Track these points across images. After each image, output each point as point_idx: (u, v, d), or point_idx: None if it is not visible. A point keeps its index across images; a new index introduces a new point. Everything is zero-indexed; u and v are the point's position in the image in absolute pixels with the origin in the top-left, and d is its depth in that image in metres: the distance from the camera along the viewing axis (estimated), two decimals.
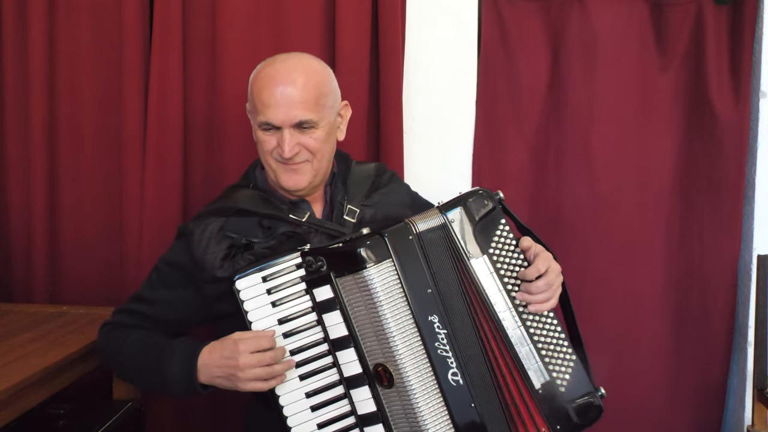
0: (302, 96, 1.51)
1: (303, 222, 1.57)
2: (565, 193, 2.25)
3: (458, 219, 1.44)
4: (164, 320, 1.58)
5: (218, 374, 1.42)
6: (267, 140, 1.55)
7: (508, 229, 1.47)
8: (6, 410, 1.45)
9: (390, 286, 1.38)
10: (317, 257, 1.40)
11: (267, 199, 1.61)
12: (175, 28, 2.09)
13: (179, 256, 1.58)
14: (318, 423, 1.42)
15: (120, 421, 1.84)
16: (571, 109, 2.23)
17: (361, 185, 1.68)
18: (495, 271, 1.44)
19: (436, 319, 1.39)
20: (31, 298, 2.15)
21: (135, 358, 1.55)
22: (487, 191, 1.48)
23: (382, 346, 1.37)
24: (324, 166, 1.60)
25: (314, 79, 1.54)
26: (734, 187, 2.23)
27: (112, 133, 2.16)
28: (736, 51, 2.21)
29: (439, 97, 2.21)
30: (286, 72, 1.54)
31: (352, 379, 1.41)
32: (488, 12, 2.21)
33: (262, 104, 1.52)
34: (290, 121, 1.51)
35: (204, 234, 1.55)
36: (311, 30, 2.13)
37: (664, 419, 2.28)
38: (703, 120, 2.23)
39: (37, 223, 2.14)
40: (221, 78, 2.12)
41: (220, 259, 1.53)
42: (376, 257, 1.37)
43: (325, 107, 1.55)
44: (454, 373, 1.38)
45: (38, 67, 2.11)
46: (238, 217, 1.56)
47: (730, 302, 2.26)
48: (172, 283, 1.58)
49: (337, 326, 1.41)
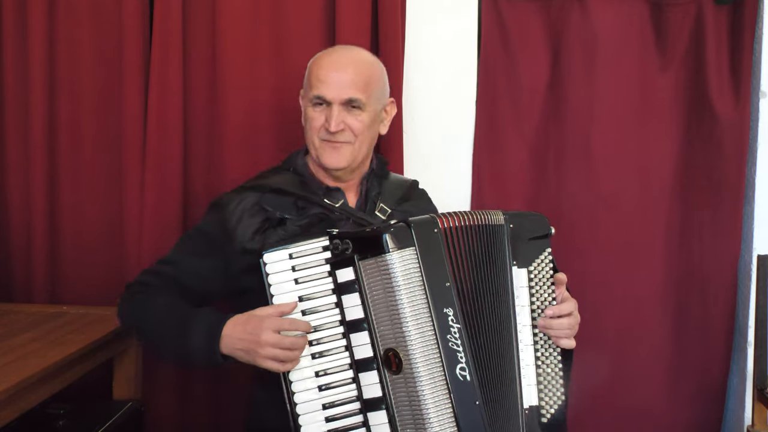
0: (354, 77, 1.64)
1: (336, 207, 1.64)
2: (565, 193, 2.25)
3: (517, 228, 1.51)
4: (189, 287, 1.62)
5: (239, 347, 1.45)
6: (316, 117, 1.65)
7: (551, 258, 1.54)
8: (6, 410, 1.45)
9: (410, 273, 1.40)
10: (344, 240, 1.44)
11: (304, 182, 1.69)
12: (175, 28, 2.09)
13: (210, 227, 1.65)
14: (323, 403, 1.43)
15: (120, 421, 1.85)
16: (571, 109, 2.23)
17: (395, 191, 1.76)
18: (529, 287, 1.51)
19: (450, 312, 1.41)
20: (31, 298, 2.15)
21: (159, 322, 1.57)
22: (546, 219, 1.56)
23: (395, 331, 1.40)
24: (363, 153, 1.69)
25: (366, 67, 1.69)
26: (734, 187, 2.23)
27: (112, 133, 2.16)
28: (736, 51, 2.21)
29: (439, 97, 2.21)
30: (343, 56, 1.71)
31: (361, 362, 1.43)
32: (488, 12, 2.21)
33: (318, 80, 1.65)
34: (340, 97, 1.63)
35: (239, 206, 1.62)
36: (311, 30, 2.13)
37: (664, 419, 2.28)
38: (703, 120, 2.23)
39: (37, 223, 2.13)
40: (221, 78, 2.12)
41: (252, 231, 1.59)
42: (399, 243, 1.41)
43: (373, 95, 1.67)
44: (462, 368, 1.40)
45: (38, 67, 2.11)
46: (274, 194, 1.64)
47: (730, 302, 2.26)
48: (202, 252, 1.64)
49: (355, 308, 1.44)
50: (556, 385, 1.51)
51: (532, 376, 1.49)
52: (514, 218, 1.52)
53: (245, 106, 2.12)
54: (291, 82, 2.12)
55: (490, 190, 2.23)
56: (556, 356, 1.52)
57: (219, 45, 2.11)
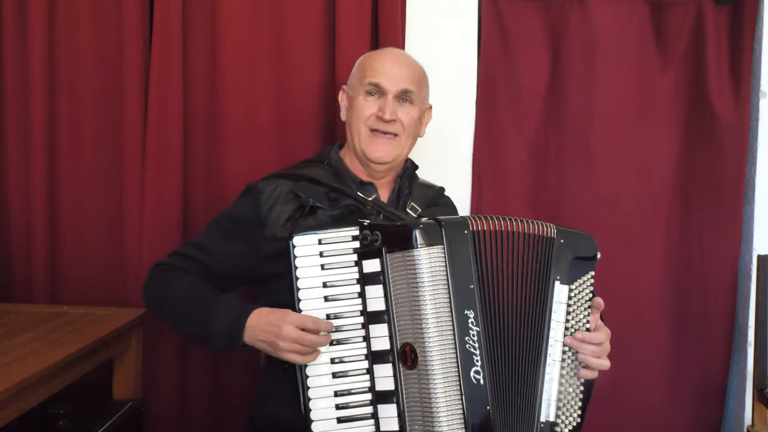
0: (409, 73, 1.71)
1: (369, 201, 1.65)
2: (565, 193, 2.25)
3: (565, 243, 1.51)
4: (215, 271, 1.65)
5: (261, 337, 1.47)
6: (367, 105, 1.68)
7: (593, 281, 1.53)
8: (6, 410, 1.45)
9: (435, 271, 1.41)
10: (374, 232, 1.45)
11: (338, 175, 1.71)
12: (175, 28, 2.09)
13: (243, 211, 1.66)
14: (335, 390, 1.44)
15: (120, 421, 1.85)
16: (571, 109, 2.23)
17: (425, 193, 1.79)
18: (567, 305, 1.50)
19: (471, 314, 1.42)
20: (31, 298, 2.15)
21: (185, 301, 1.60)
22: (595, 242, 1.55)
23: (414, 327, 1.40)
24: (405, 151, 1.73)
25: (419, 67, 1.76)
26: (734, 187, 2.23)
27: (112, 133, 2.16)
28: (736, 51, 2.21)
29: (439, 97, 2.20)
30: (399, 54, 1.79)
31: (378, 353, 1.44)
32: (488, 12, 2.21)
33: (374, 70, 1.69)
34: (397, 87, 1.67)
35: (274, 192, 1.64)
36: (311, 30, 2.13)
37: (664, 419, 2.28)
38: (703, 120, 2.23)
39: (37, 223, 2.13)
40: (221, 78, 2.12)
41: (285, 219, 1.60)
42: (428, 240, 1.41)
43: (422, 93, 1.73)
44: (477, 371, 1.40)
45: (38, 67, 2.11)
46: (308, 183, 1.65)
47: (730, 302, 2.26)
48: (231, 235, 1.65)
49: (376, 300, 1.44)
50: (575, 406, 1.50)
51: (554, 391, 1.48)
52: (565, 234, 1.51)
53: (245, 106, 2.12)
54: (291, 82, 2.13)
55: (490, 190, 2.24)
56: (578, 379, 1.51)
57: (219, 45, 2.11)
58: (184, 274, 1.64)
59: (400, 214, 1.66)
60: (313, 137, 2.12)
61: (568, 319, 1.50)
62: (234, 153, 2.12)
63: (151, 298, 1.71)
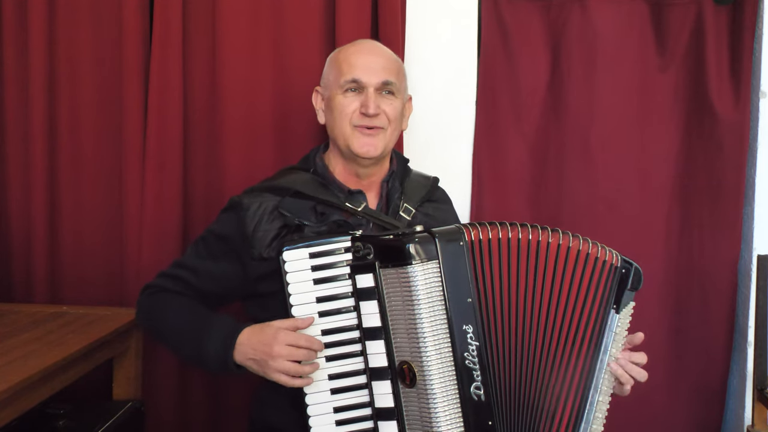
0: (388, 63, 1.65)
1: (358, 211, 1.60)
2: (565, 193, 2.25)
3: (629, 274, 1.49)
4: (206, 291, 1.61)
5: (251, 356, 1.45)
6: (348, 102, 1.62)
7: (632, 312, 1.53)
8: (6, 410, 1.45)
9: (431, 287, 1.36)
10: (366, 244, 1.41)
11: (325, 185, 1.64)
12: (175, 28, 2.09)
13: (228, 229, 1.61)
14: (335, 407, 1.43)
15: (120, 421, 1.85)
16: (571, 109, 2.23)
17: (417, 190, 1.72)
18: (615, 333, 1.47)
19: (470, 329, 1.37)
20: (31, 298, 2.15)
21: (177, 325, 1.58)
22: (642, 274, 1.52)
23: (411, 345, 1.37)
24: (391, 144, 1.67)
25: (394, 57, 1.70)
26: (734, 187, 2.23)
27: (112, 133, 2.16)
28: (736, 51, 2.21)
29: (439, 97, 2.21)
30: (372, 45, 1.72)
31: (376, 370, 1.41)
32: (488, 12, 2.21)
33: (351, 65, 1.62)
34: (377, 79, 1.61)
35: (259, 210, 1.58)
36: (311, 30, 2.13)
37: (664, 419, 2.28)
38: (703, 120, 2.23)
39: (37, 222, 2.13)
40: (221, 78, 2.12)
41: (270, 238, 1.56)
42: (423, 256, 1.36)
43: (402, 84, 1.68)
44: (477, 386, 1.37)
45: (38, 67, 2.11)
46: (293, 198, 1.59)
47: (730, 302, 2.26)
48: (218, 256, 1.61)
49: (372, 316, 1.41)
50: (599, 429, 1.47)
51: (596, 421, 1.44)
52: (630, 263, 1.49)
53: (245, 106, 2.12)
54: (291, 82, 2.13)
55: (490, 189, 2.23)
56: (606, 405, 1.47)
57: (219, 45, 2.11)
58: (174, 297, 1.60)
59: (392, 221, 1.61)
60: (313, 137, 2.12)
61: (613, 346, 1.48)
62: (234, 152, 2.12)
63: (145, 325, 1.71)
